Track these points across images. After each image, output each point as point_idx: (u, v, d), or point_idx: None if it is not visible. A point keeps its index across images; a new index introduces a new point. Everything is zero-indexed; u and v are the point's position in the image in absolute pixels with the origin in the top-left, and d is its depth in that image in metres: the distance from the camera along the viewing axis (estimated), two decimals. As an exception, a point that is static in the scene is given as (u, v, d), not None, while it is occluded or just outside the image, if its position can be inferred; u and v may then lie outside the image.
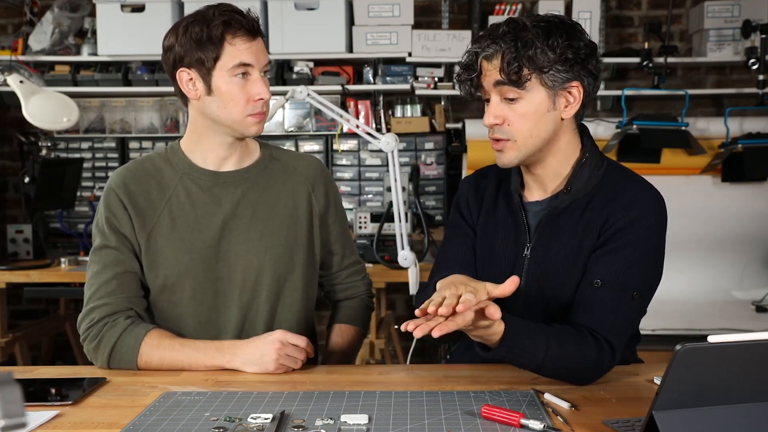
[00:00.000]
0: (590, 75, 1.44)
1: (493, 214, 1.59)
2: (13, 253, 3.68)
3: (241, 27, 1.55)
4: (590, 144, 1.52)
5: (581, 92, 1.44)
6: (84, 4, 3.93)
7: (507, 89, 1.43)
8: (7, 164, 4.24)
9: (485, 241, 1.59)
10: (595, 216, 1.47)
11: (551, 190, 1.53)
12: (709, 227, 3.65)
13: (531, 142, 1.45)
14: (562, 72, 1.41)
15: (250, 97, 1.57)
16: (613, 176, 1.50)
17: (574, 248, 1.47)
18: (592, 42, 1.46)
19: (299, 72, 3.80)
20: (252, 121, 1.60)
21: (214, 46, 1.54)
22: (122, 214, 1.61)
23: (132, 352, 1.54)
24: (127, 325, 1.55)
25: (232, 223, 1.64)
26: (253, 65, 1.57)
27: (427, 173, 3.93)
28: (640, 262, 1.43)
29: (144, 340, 1.54)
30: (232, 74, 1.56)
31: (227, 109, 1.58)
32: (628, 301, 1.42)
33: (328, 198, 1.76)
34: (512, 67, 1.40)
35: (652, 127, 3.55)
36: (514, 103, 1.43)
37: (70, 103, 3.08)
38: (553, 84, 1.42)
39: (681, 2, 4.05)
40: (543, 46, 1.39)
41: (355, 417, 1.22)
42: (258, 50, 1.58)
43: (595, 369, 1.39)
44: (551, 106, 1.44)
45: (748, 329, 2.85)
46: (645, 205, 1.45)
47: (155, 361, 1.54)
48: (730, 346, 0.99)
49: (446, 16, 4.04)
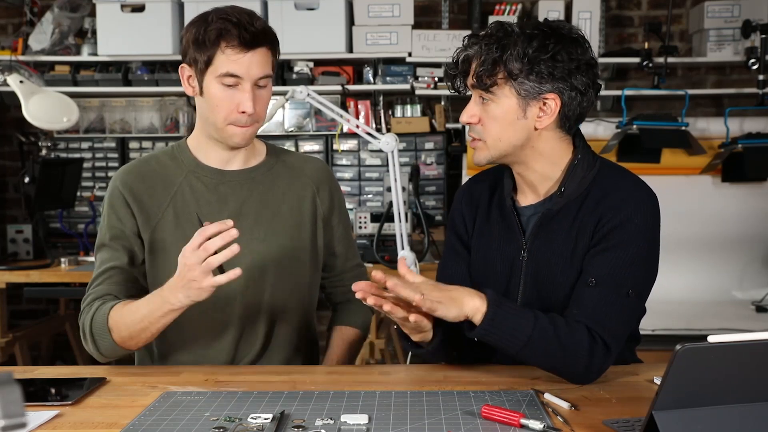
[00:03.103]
0: (574, 89, 1.42)
1: (488, 219, 1.59)
2: (13, 253, 3.67)
3: (233, 38, 1.52)
4: (582, 145, 1.52)
5: (558, 105, 1.43)
6: (84, 4, 3.92)
7: (480, 91, 1.45)
8: (7, 164, 4.24)
9: (481, 247, 1.59)
10: (588, 216, 1.47)
11: (543, 192, 1.53)
12: (709, 227, 3.65)
13: (500, 145, 1.47)
14: (533, 82, 1.41)
15: (235, 107, 1.56)
16: (605, 175, 1.50)
17: (570, 249, 1.47)
18: (589, 57, 1.44)
19: (299, 72, 3.80)
20: (233, 131, 1.58)
21: (207, 50, 1.54)
22: (125, 212, 1.62)
23: (105, 332, 1.53)
24: (97, 306, 1.56)
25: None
26: (243, 77, 1.54)
27: (427, 173, 3.93)
28: (635, 260, 1.43)
29: (110, 316, 1.52)
30: (220, 81, 1.55)
31: (213, 113, 1.58)
32: (624, 299, 1.42)
33: (333, 200, 1.76)
34: (482, 69, 1.42)
35: (652, 127, 3.55)
36: (486, 104, 1.46)
37: (70, 103, 3.08)
38: (525, 93, 1.42)
39: (681, 2, 4.05)
40: (518, 54, 1.39)
41: (355, 417, 1.22)
42: (252, 63, 1.54)
43: (587, 361, 1.37)
44: (521, 115, 1.44)
45: (748, 329, 2.85)
46: (637, 203, 1.45)
47: (125, 333, 1.51)
48: (730, 346, 0.99)
49: (446, 16, 4.04)
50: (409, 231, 3.42)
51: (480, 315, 1.34)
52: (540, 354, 1.38)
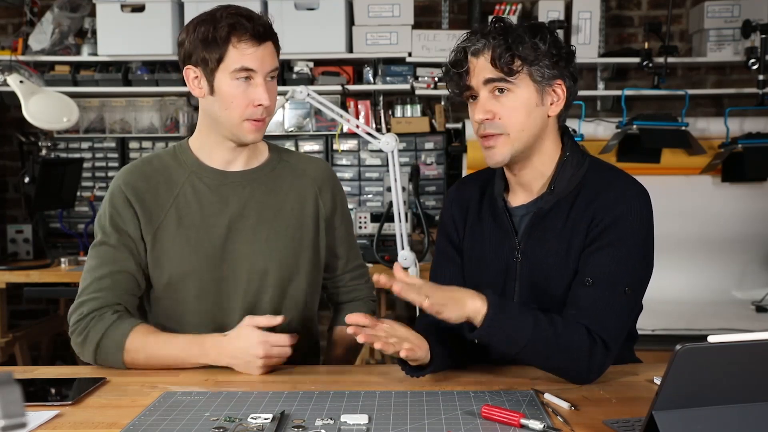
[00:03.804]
0: (571, 77, 1.48)
1: (479, 221, 1.59)
2: (13, 253, 3.67)
3: (246, 31, 1.53)
4: (570, 143, 1.52)
5: (564, 91, 1.47)
6: (84, 4, 3.92)
7: (497, 83, 1.44)
8: (7, 164, 4.24)
9: (474, 250, 1.58)
10: (580, 215, 1.47)
11: (535, 191, 1.53)
12: (709, 227, 3.65)
13: (523, 135, 1.46)
14: (548, 68, 1.44)
15: (251, 101, 1.57)
16: (595, 173, 1.51)
17: (564, 249, 1.47)
18: (570, 47, 1.50)
19: (299, 72, 3.80)
20: (249, 128, 1.59)
21: (218, 47, 1.54)
22: (127, 212, 1.61)
23: (118, 350, 1.53)
24: (113, 320, 1.55)
25: (238, 224, 1.64)
26: (256, 70, 1.56)
27: (427, 173, 3.93)
28: (629, 257, 1.43)
29: (129, 337, 1.53)
30: (234, 77, 1.55)
31: (227, 111, 1.57)
32: (621, 297, 1.42)
33: (335, 201, 1.76)
34: (504, 58, 1.42)
35: (652, 127, 3.55)
36: (503, 96, 1.45)
37: (70, 103, 3.08)
38: (541, 78, 1.44)
39: (681, 2, 4.05)
40: (531, 41, 1.43)
41: (355, 417, 1.22)
42: (264, 55, 1.56)
43: (587, 361, 1.38)
44: (539, 101, 1.46)
45: (748, 329, 2.85)
46: (629, 201, 1.45)
47: (141, 359, 1.54)
48: (730, 346, 0.99)
49: (446, 16, 4.04)
50: (409, 231, 3.42)
51: (480, 317, 1.34)
52: (540, 355, 1.39)
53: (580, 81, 4.05)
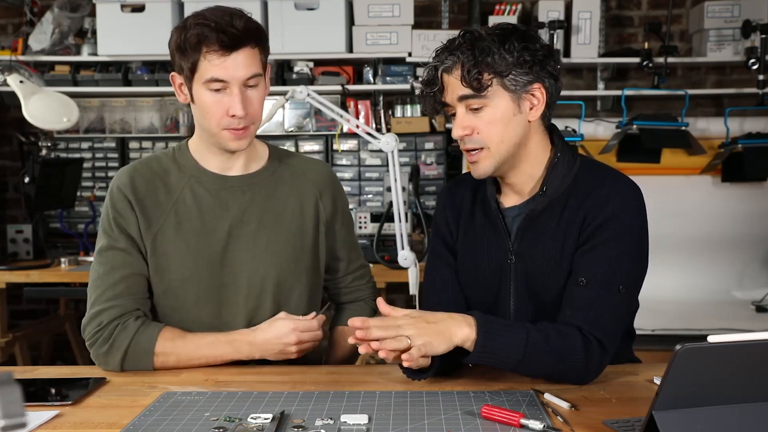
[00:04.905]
0: (550, 76, 1.46)
1: (472, 223, 1.58)
2: (13, 253, 3.67)
3: (213, 42, 1.48)
4: (560, 143, 1.52)
5: (544, 94, 1.45)
6: (84, 4, 3.92)
7: (471, 101, 1.43)
8: (7, 164, 4.24)
9: (468, 252, 1.58)
10: (573, 215, 1.46)
11: (527, 193, 1.52)
12: (709, 227, 3.65)
13: (503, 147, 1.46)
14: (521, 75, 1.42)
15: (226, 111, 1.53)
16: (587, 173, 1.50)
17: (558, 249, 1.47)
18: (548, 44, 1.48)
19: (299, 72, 3.79)
20: (228, 136, 1.56)
21: (190, 57, 1.51)
22: (129, 214, 1.59)
23: (147, 354, 1.53)
24: (138, 327, 1.54)
25: (238, 230, 1.63)
26: (228, 81, 1.50)
27: (427, 173, 3.93)
28: (623, 256, 1.43)
29: (158, 342, 1.53)
30: (207, 87, 1.52)
31: (205, 120, 1.55)
32: (615, 295, 1.42)
33: (336, 205, 1.75)
34: (472, 75, 1.41)
35: (652, 127, 3.55)
36: (479, 111, 1.44)
37: (70, 103, 3.08)
38: (515, 87, 1.43)
39: (681, 2, 4.04)
40: (500, 51, 1.41)
41: (355, 417, 1.22)
42: (236, 64, 1.49)
43: (583, 363, 1.37)
44: (516, 110, 1.45)
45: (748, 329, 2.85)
46: (622, 199, 1.45)
47: (171, 362, 1.54)
48: (730, 346, 0.99)
49: (446, 16, 4.04)
50: (409, 231, 3.42)
51: (470, 342, 1.34)
52: (536, 366, 1.38)
53: (579, 81, 4.08)
